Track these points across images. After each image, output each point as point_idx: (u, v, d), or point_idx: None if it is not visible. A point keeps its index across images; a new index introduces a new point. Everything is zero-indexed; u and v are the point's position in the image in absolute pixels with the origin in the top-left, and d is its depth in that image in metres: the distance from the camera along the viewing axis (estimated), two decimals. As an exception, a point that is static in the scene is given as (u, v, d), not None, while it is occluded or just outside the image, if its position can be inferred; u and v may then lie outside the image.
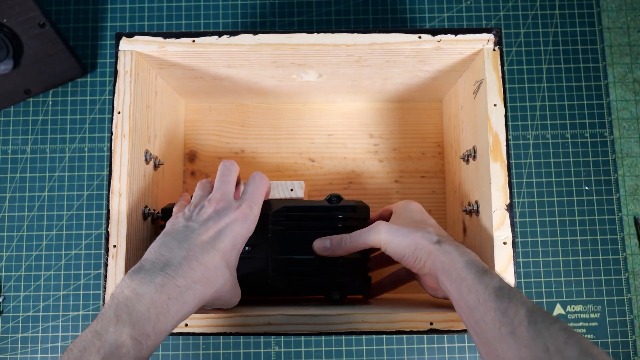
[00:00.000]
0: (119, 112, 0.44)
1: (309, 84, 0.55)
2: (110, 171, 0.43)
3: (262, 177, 0.42)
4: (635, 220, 0.61)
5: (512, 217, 0.42)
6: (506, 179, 0.43)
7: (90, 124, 0.62)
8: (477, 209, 0.47)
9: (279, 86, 0.56)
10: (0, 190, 0.61)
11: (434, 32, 0.46)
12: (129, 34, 0.46)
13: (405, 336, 0.58)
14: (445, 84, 0.56)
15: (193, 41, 0.46)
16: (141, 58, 0.47)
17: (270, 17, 0.64)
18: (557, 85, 0.62)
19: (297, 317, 0.41)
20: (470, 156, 0.49)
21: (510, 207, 0.43)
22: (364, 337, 0.58)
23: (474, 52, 0.47)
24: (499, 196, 0.43)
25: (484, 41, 0.46)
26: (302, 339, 0.58)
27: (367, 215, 0.47)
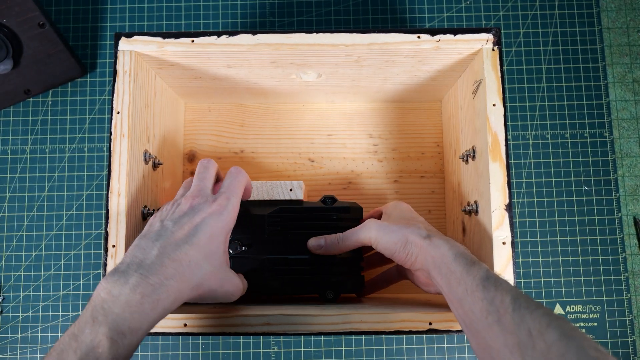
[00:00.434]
0: (118, 112, 0.44)
1: (308, 84, 0.55)
2: (110, 171, 0.44)
3: (239, 170, 0.43)
4: (635, 220, 0.61)
5: (511, 217, 0.43)
6: (505, 178, 0.43)
7: (89, 124, 0.62)
8: (477, 209, 0.47)
9: (278, 86, 0.56)
10: (0, 190, 0.61)
11: (433, 32, 0.46)
12: (128, 34, 0.46)
13: (404, 336, 0.58)
14: (444, 84, 0.55)
15: (192, 41, 0.46)
16: (140, 58, 0.47)
17: (269, 17, 0.64)
18: (556, 85, 0.62)
19: (296, 317, 0.41)
20: (469, 156, 0.49)
21: (509, 207, 0.43)
22: (363, 337, 0.58)
23: (473, 52, 0.47)
24: (498, 196, 0.43)
25: (483, 41, 0.46)
26: (302, 339, 0.58)
27: (361, 216, 0.48)
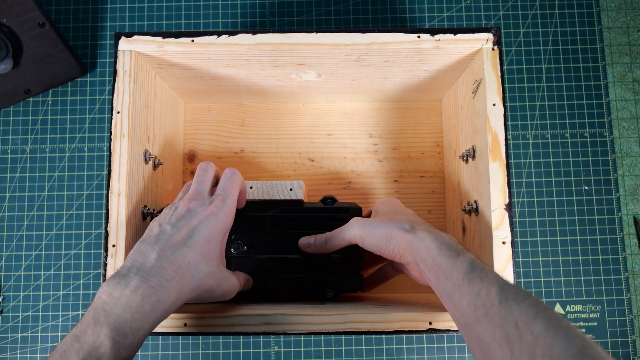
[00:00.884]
0: (118, 112, 0.44)
1: (308, 83, 0.55)
2: (110, 171, 0.44)
3: (233, 171, 0.43)
4: (635, 219, 0.61)
5: (511, 217, 0.42)
6: (505, 178, 0.43)
7: (89, 124, 0.62)
8: (477, 209, 0.46)
9: (278, 86, 0.56)
10: (0, 190, 0.61)
11: (433, 31, 0.46)
12: (128, 34, 0.46)
13: (404, 336, 0.58)
14: (444, 84, 0.55)
15: (192, 41, 0.46)
16: (140, 58, 0.47)
17: (269, 17, 0.64)
18: (556, 85, 0.62)
19: (296, 317, 0.41)
20: (469, 156, 0.49)
21: (509, 207, 0.43)
22: (363, 337, 0.58)
23: (473, 52, 0.46)
24: (498, 196, 0.43)
25: (482, 41, 0.46)
26: (302, 338, 0.58)
27: (360, 216, 0.48)
